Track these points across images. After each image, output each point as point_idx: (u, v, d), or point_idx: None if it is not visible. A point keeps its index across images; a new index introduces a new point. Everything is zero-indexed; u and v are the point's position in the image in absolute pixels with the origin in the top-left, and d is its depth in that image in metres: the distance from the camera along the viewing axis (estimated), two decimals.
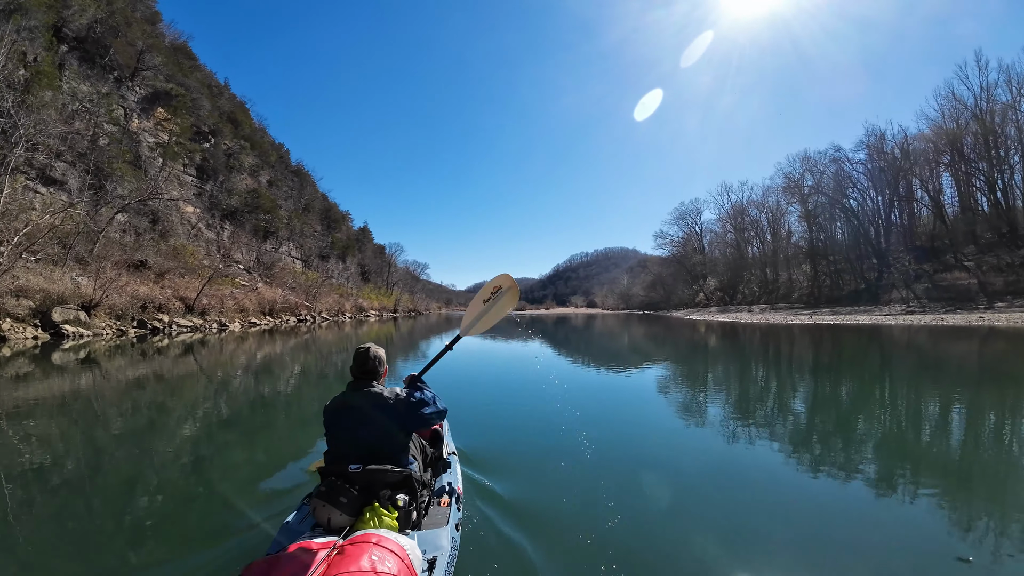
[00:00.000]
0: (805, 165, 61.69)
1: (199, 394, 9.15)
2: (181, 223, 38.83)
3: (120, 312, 19.51)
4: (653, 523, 3.41)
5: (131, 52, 41.41)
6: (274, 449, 5.57)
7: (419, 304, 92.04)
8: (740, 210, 74.14)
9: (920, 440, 5.75)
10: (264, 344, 19.26)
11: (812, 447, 5.44)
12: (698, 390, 9.47)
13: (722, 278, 74.97)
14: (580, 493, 3.80)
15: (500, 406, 7.77)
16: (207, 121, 47.90)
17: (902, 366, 13.05)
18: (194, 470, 4.74)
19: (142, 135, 40.11)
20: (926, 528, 3.36)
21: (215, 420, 7.14)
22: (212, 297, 25.59)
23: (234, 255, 42.95)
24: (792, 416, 7.12)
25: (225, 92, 58.88)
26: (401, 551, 1.90)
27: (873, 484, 4.14)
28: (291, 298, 36.89)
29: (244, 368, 12.76)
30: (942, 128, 51.24)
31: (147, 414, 7.26)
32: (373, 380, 2.81)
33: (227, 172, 47.70)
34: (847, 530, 3.27)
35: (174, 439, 5.84)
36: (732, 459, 4.93)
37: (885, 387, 9.59)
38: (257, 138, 59.83)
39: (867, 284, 50.62)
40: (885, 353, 16.05)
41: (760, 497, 3.89)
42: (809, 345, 19.15)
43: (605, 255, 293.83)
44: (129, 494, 4.03)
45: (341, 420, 2.66)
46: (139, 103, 41.32)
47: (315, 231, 63.44)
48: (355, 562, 1.73)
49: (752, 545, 3.10)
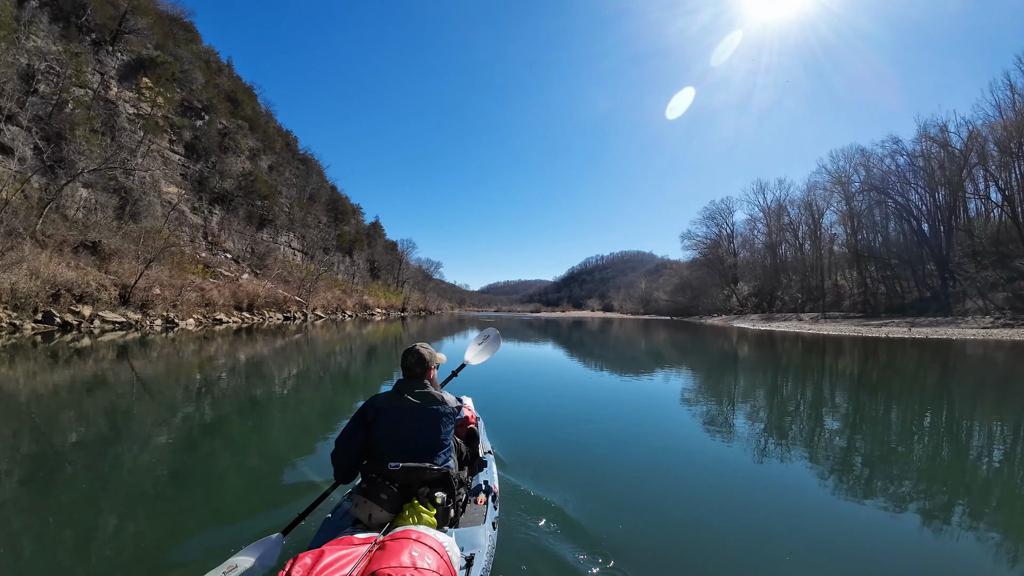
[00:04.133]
0: (852, 160, 55.89)
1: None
2: (161, 204, 34.40)
3: (21, 301, 14.66)
4: (690, 531, 3.34)
5: (113, 13, 37.27)
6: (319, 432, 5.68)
7: (430, 303, 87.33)
8: (779, 209, 68.19)
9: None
10: (214, 347, 14.53)
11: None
12: (797, 421, 7.34)
13: (757, 283, 69.10)
14: (614, 497, 3.84)
15: (534, 408, 7.64)
16: (200, 96, 43.47)
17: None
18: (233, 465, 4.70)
19: (121, 105, 35.79)
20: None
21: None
22: (169, 287, 20.82)
23: (223, 243, 38.50)
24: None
25: (225, 70, 54.66)
26: (440, 548, 1.90)
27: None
28: (279, 292, 32.04)
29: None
30: (1012, 120, 45.37)
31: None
32: (423, 379, 2.79)
33: (221, 153, 43.18)
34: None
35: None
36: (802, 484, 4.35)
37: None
38: (261, 121, 55.50)
39: (933, 292, 44.75)
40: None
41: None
42: (946, 369, 14.03)
43: (621, 258, 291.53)
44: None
45: (387, 418, 2.64)
46: (119, 70, 37.02)
47: (320, 223, 58.86)
48: (396, 558, 1.74)
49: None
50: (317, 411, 7.50)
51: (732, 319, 56.33)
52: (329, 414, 7.09)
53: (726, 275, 74.34)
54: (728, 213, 78.67)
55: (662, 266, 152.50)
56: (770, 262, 68.16)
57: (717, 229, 79.94)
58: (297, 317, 32.36)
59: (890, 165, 52.57)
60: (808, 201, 62.66)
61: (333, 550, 1.79)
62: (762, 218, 71.62)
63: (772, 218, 69.33)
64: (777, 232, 68.20)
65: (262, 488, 4.04)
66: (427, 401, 2.64)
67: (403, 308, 64.44)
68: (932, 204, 50.27)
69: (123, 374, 9.60)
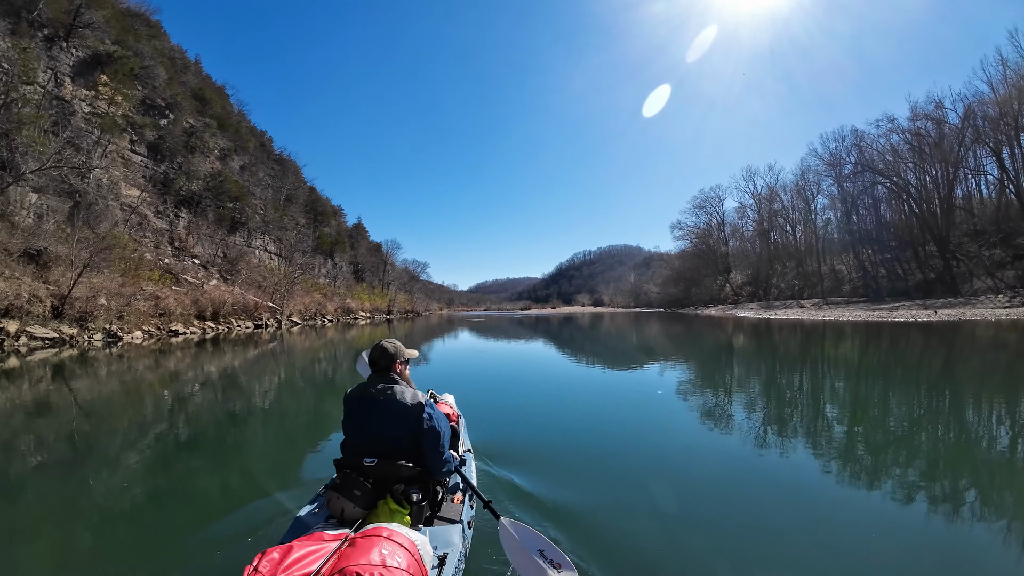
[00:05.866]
0: (845, 142, 54.49)
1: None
2: (121, 208, 31.85)
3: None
4: (669, 525, 3.25)
5: (67, 7, 34.58)
6: (293, 440, 5.61)
7: (418, 305, 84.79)
8: (771, 195, 66.62)
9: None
10: (173, 361, 12.27)
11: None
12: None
13: (751, 271, 67.54)
14: (597, 494, 3.70)
15: (517, 405, 7.43)
16: (163, 93, 40.82)
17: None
18: (209, 468, 4.75)
19: (76, 104, 33.17)
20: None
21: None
22: (118, 296, 18.37)
23: (191, 248, 35.97)
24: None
25: (192, 68, 51.93)
26: (412, 546, 1.87)
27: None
28: (250, 298, 29.60)
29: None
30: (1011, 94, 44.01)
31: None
32: (388, 372, 2.70)
33: (187, 153, 40.51)
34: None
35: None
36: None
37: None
38: (232, 121, 52.79)
39: (937, 273, 43.28)
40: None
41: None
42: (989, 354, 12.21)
43: (608, 252, 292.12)
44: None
45: (359, 411, 2.59)
46: (75, 67, 34.38)
47: (297, 224, 56.25)
48: (365, 555, 1.71)
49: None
50: (285, 438, 6.28)
51: (730, 308, 54.69)
52: (296, 438, 6.14)
53: (719, 264, 72.80)
54: (718, 201, 77.13)
55: (650, 259, 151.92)
56: (763, 249, 66.65)
57: (707, 218, 78.43)
58: (270, 324, 29.84)
59: (885, 145, 51.14)
60: (800, 185, 61.20)
61: (302, 545, 1.75)
62: (753, 205, 70.16)
63: (763, 204, 67.83)
64: (769, 219, 66.69)
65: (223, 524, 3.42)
66: (388, 393, 2.57)
67: (389, 310, 62.00)
68: (930, 183, 48.83)
69: (58, 399, 8.13)
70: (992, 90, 45.44)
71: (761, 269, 64.96)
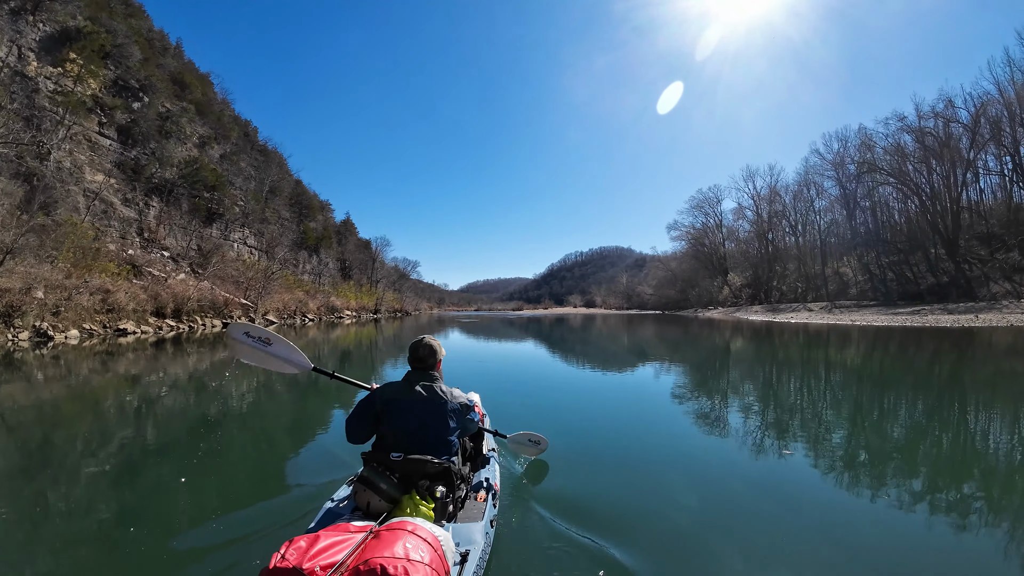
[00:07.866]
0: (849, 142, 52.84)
1: None
2: (84, 195, 29.25)
3: None
4: (688, 529, 3.13)
5: None
6: (311, 437, 5.43)
7: (407, 304, 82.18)
8: (771, 195, 64.78)
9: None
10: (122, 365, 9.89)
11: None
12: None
13: (750, 273, 65.66)
14: (620, 499, 3.55)
15: (541, 408, 6.95)
16: (137, 74, 38.14)
17: None
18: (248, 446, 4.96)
19: (42, 81, 30.56)
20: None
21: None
22: (59, 289, 15.87)
23: (162, 239, 33.37)
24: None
25: (172, 50, 49.17)
26: (435, 541, 1.86)
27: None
28: (219, 294, 27.06)
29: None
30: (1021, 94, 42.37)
31: None
32: (433, 371, 2.75)
33: (161, 138, 37.87)
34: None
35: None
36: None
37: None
38: (213, 108, 50.04)
39: (950, 277, 41.53)
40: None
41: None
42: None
43: (600, 254, 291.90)
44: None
45: (393, 408, 2.59)
46: (41, 42, 31.76)
47: (281, 218, 53.61)
48: (389, 547, 1.70)
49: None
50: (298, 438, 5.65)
51: (733, 311, 52.75)
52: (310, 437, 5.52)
53: (717, 266, 70.91)
54: (716, 202, 75.25)
55: (642, 261, 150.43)
56: (762, 251, 64.83)
57: (705, 218, 76.55)
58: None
59: (892, 144, 49.41)
60: (803, 185, 59.45)
61: (328, 535, 1.76)
62: (751, 206, 68.32)
63: (763, 205, 66.03)
64: (768, 220, 64.88)
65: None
66: (436, 395, 2.61)
67: (376, 309, 59.45)
68: (938, 183, 47.11)
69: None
70: (999, 91, 43.96)
71: (761, 271, 63.14)
